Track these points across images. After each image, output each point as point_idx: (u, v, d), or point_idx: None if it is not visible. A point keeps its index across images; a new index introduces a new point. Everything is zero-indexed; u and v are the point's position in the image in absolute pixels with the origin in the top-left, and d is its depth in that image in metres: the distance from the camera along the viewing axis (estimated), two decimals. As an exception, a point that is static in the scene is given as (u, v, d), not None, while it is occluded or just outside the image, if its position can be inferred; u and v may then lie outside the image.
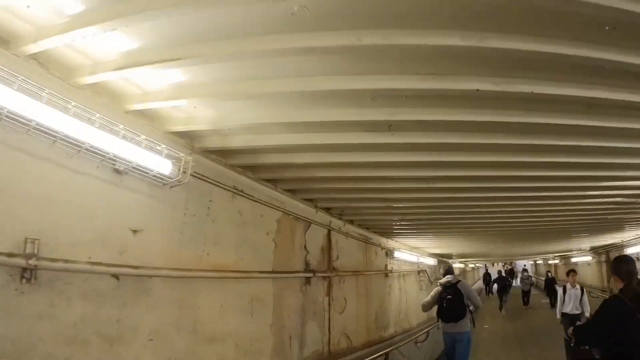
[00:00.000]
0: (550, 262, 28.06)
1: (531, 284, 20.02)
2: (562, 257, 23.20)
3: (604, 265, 15.94)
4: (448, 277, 6.36)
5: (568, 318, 7.55)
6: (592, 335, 2.84)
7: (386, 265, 7.49)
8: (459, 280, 6.38)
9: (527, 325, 13.79)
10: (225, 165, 3.47)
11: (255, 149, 3.32)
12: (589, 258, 17.18)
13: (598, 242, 13.08)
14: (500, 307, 16.94)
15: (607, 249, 14.40)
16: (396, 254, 7.76)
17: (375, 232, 6.95)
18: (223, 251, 3.42)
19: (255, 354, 3.71)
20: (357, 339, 5.88)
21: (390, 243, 7.89)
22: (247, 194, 3.76)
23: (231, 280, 3.45)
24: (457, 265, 17.87)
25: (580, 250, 16.97)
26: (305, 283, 4.61)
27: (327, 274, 5.06)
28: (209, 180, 3.29)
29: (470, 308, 6.20)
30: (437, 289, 6.41)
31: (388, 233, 7.43)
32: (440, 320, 6.44)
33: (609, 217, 6.57)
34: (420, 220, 6.46)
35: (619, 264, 2.91)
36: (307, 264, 4.68)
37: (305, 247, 4.70)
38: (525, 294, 19.27)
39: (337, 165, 3.65)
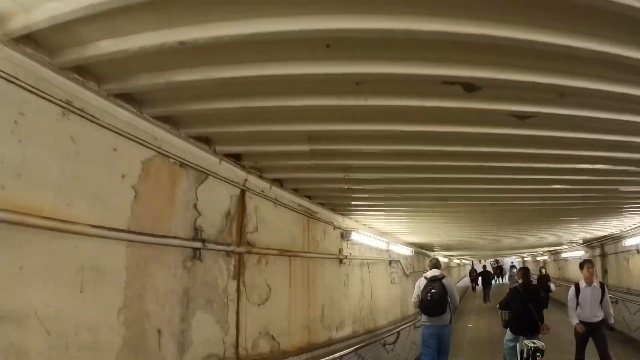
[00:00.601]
0: (538, 258, 26.94)
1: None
2: (552, 253, 22.05)
3: (599, 261, 14.71)
4: (434, 271, 6.65)
5: (587, 327, 5.93)
6: (505, 304, 6.54)
7: (341, 250, 6.04)
8: (444, 276, 6.68)
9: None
10: (52, 68, 2.08)
11: (109, 49, 2.03)
12: (581, 252, 15.90)
13: (592, 233, 11.73)
14: (485, 299, 17.52)
15: (602, 241, 13.10)
16: (355, 237, 6.29)
17: (324, 206, 5.49)
18: (33, 188, 2.01)
19: (87, 350, 2.25)
20: (288, 340, 4.41)
21: (348, 222, 6.43)
22: (90, 115, 2.32)
23: (43, 233, 2.04)
24: (440, 259, 16.53)
25: (571, 243, 15.67)
26: (192, 257, 3.13)
27: (234, 249, 3.57)
28: (21, 83, 1.94)
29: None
30: (421, 281, 6.66)
31: (344, 209, 5.98)
32: (423, 314, 6.66)
33: (599, 196, 5.25)
34: (387, 194, 5.06)
35: (524, 271, 6.88)
36: (196, 230, 3.21)
37: (195, 206, 3.23)
38: None
39: (247, 83, 2.34)
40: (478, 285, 23.99)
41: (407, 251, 10.10)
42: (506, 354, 6.73)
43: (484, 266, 28.70)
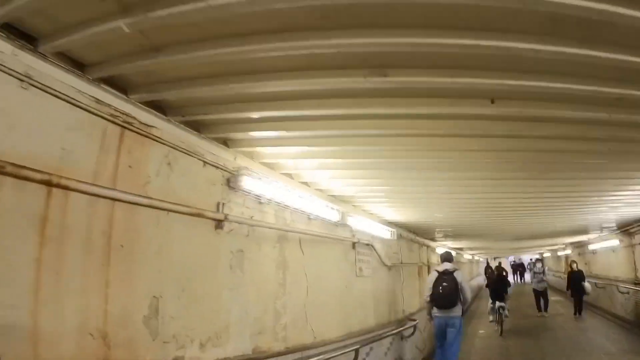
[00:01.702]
0: (560, 253, 23.97)
1: (546, 282, 14.92)
2: (576, 245, 19.11)
3: (637, 250, 11.85)
4: (446, 265, 6.95)
5: None
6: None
7: (220, 205, 3.45)
8: (456, 269, 6.96)
9: (538, 343, 9.74)
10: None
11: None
12: (614, 243, 13.07)
13: (630, 212, 8.87)
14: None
15: (644, 224, 10.37)
16: (261, 188, 3.72)
17: (174, 115, 2.94)
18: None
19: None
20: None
21: (246, 161, 3.85)
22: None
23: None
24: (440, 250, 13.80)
25: (601, 229, 12.78)
26: None
27: None
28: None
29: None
30: (433, 275, 7.01)
31: (239, 132, 3.41)
32: (434, 307, 6.94)
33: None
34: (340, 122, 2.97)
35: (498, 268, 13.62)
36: None
37: None
38: (540, 296, 14.32)
39: None
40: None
41: (387, 233, 7.46)
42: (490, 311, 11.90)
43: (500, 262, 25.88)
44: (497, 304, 11.25)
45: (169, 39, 2.18)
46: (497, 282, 12.22)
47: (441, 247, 14.06)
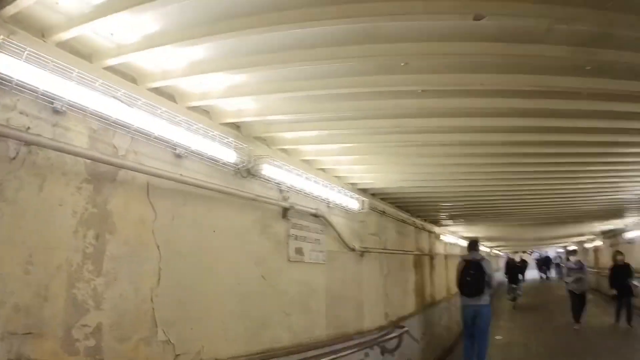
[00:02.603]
0: (587, 245, 21.22)
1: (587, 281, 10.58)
2: (608, 235, 16.42)
3: None
4: (473, 254, 7.02)
5: None
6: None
7: None
8: (483, 258, 7.00)
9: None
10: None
11: None
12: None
13: None
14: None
15: None
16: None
17: None
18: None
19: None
20: None
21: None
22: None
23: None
24: (454, 241, 11.21)
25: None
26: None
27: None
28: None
29: None
30: (460, 263, 7.13)
31: None
32: (461, 295, 6.94)
33: None
34: None
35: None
36: None
37: None
38: (577, 301, 10.22)
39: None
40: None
41: (352, 202, 5.08)
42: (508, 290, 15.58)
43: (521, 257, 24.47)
44: (513, 286, 15.46)
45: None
46: (512, 270, 16.21)
47: (449, 234, 11.62)
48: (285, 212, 3.94)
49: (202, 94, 3.08)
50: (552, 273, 28.97)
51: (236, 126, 3.58)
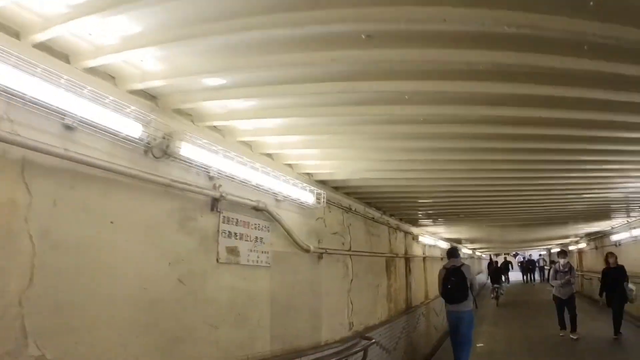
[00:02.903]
0: (572, 247, 20.82)
1: (573, 284, 9.60)
2: (593, 237, 15.99)
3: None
4: (453, 261, 7.05)
5: None
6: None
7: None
8: (463, 264, 7.04)
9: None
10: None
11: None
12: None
13: None
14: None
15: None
16: None
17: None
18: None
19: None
20: None
21: None
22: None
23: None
24: (434, 243, 10.52)
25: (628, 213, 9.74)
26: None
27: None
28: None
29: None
30: (441, 272, 7.11)
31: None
32: (446, 302, 7.03)
33: None
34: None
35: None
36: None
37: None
38: (564, 306, 9.37)
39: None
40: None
41: (308, 196, 4.38)
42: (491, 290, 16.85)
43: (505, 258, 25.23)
44: (496, 286, 16.92)
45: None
46: (495, 271, 18.22)
47: (428, 235, 11.01)
48: (215, 204, 3.24)
49: (96, 49, 2.37)
50: (537, 276, 28.63)
51: (151, 96, 2.89)
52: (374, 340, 5.37)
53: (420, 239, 9.99)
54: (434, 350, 9.52)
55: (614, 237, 13.25)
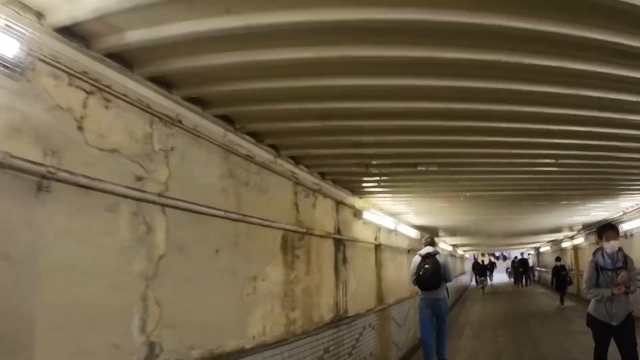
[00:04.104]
0: (565, 244, 18.25)
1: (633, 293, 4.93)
2: (594, 230, 13.13)
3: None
4: (428, 249, 7.02)
5: None
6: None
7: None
8: (438, 252, 7.06)
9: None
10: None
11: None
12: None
13: None
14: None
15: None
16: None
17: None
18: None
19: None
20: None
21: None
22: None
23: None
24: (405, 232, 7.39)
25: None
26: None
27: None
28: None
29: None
30: (416, 258, 7.07)
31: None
32: (420, 289, 6.97)
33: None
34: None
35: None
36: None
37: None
38: (615, 339, 4.77)
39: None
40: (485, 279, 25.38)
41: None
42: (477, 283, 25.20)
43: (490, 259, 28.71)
44: (481, 278, 24.66)
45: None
46: (481, 269, 25.31)
47: (386, 215, 8.01)
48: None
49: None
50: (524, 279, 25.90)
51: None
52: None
53: (368, 216, 6.94)
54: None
55: (625, 226, 10.42)
